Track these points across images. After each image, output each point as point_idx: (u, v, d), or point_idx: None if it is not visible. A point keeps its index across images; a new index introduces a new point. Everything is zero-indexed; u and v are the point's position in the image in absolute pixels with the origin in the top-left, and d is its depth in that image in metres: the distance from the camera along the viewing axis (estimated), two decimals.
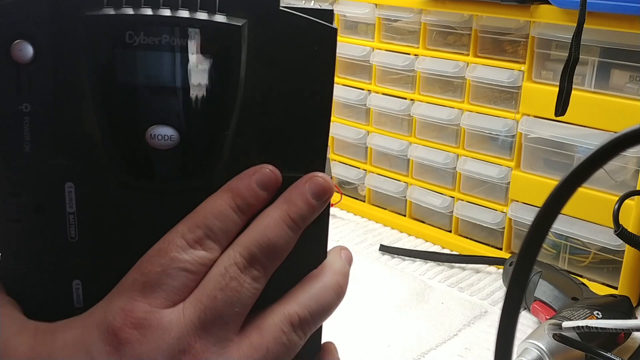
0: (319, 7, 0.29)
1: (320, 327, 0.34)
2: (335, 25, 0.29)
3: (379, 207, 0.89)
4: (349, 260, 0.35)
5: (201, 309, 0.30)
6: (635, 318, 0.63)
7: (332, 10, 0.29)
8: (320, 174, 0.32)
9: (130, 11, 0.27)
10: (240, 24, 0.28)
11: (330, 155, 0.93)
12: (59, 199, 0.29)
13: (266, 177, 0.31)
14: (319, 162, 0.31)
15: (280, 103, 0.30)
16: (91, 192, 0.29)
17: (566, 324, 0.50)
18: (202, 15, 0.28)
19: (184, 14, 0.28)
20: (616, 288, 0.68)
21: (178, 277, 0.30)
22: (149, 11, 0.27)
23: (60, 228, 0.30)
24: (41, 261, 0.30)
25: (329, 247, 0.35)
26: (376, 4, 0.82)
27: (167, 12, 0.27)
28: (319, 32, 0.29)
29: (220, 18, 0.28)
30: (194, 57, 0.28)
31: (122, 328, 0.29)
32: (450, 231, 0.82)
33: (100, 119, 0.28)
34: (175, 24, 0.27)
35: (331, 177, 0.61)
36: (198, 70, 0.28)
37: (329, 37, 0.29)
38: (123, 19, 0.27)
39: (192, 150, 0.29)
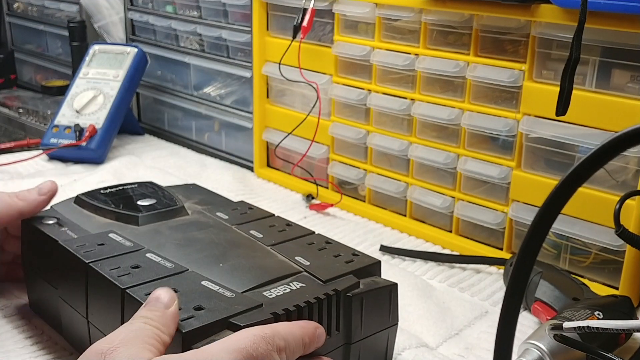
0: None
1: None
2: None
3: (379, 207, 0.89)
4: None
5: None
6: (637, 318, 0.62)
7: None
8: (320, 330, 0.48)
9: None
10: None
11: (330, 155, 0.93)
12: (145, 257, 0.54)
13: None
14: None
15: None
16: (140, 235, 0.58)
17: (567, 324, 0.50)
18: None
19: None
20: (617, 288, 0.67)
21: None
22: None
23: (158, 267, 0.52)
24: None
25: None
26: (376, 4, 0.82)
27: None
28: None
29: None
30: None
31: None
32: (450, 231, 0.81)
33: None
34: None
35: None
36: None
37: None
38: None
39: (160, 204, 0.63)
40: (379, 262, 0.56)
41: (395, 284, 0.54)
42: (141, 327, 0.43)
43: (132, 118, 1.20)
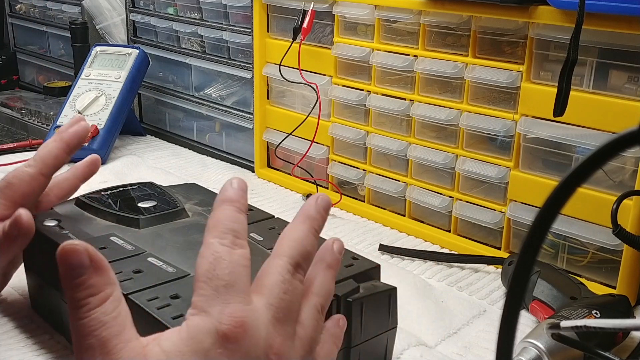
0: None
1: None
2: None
3: (379, 207, 0.90)
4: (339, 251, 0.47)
5: (274, 310, 0.39)
6: (634, 317, 0.63)
7: None
8: (322, 193, 0.45)
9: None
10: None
11: (330, 155, 0.93)
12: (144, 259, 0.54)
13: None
14: None
15: None
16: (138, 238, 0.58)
17: (564, 323, 0.50)
18: None
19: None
20: (614, 287, 0.68)
21: (244, 274, 0.38)
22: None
23: (160, 271, 0.52)
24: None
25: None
26: (375, 5, 0.82)
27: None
28: None
29: None
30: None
31: (230, 329, 0.36)
32: (449, 231, 0.82)
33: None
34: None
35: None
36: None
37: None
38: None
39: (161, 206, 0.63)
40: (378, 266, 0.56)
41: (395, 288, 0.55)
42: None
43: (133, 119, 1.21)
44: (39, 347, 0.58)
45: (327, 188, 0.95)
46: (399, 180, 0.86)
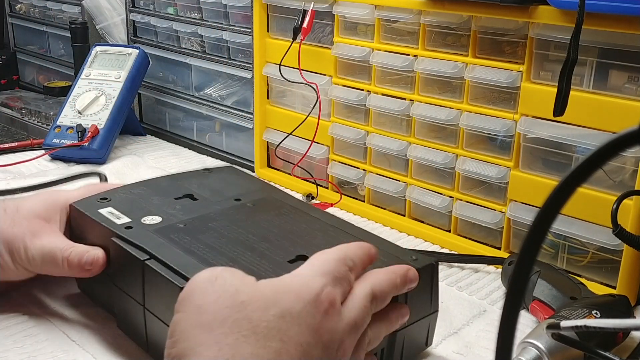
0: None
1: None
2: None
3: (379, 207, 0.90)
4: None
5: (353, 320, 0.46)
6: (634, 317, 0.63)
7: None
8: (412, 271, 0.53)
9: None
10: None
11: (330, 155, 0.93)
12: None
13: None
14: None
15: None
16: None
17: (565, 323, 0.50)
18: None
19: None
20: (614, 287, 0.68)
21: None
22: None
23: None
24: None
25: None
26: (375, 5, 0.82)
27: None
28: None
29: None
30: None
31: (327, 304, 0.45)
32: (449, 231, 0.82)
33: None
34: None
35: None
36: None
37: None
38: None
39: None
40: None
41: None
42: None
43: (133, 119, 1.21)
44: (38, 348, 0.58)
45: (327, 188, 0.95)
46: (399, 180, 0.86)
